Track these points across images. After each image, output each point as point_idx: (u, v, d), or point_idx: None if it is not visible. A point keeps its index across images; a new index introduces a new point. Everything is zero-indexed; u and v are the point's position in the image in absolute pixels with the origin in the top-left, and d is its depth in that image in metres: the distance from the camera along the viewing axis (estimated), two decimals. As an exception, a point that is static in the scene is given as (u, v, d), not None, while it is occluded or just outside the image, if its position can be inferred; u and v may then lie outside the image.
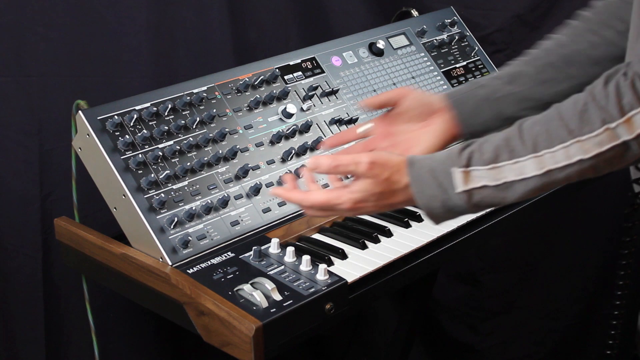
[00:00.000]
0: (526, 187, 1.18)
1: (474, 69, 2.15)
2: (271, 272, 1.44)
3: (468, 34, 2.19)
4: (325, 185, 1.66)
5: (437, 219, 1.27)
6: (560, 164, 1.15)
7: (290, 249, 1.48)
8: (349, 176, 1.34)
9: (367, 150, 1.47)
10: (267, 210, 1.64)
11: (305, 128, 1.77)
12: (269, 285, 1.37)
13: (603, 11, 1.53)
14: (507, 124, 1.42)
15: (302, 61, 1.88)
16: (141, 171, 1.54)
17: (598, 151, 1.13)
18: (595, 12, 1.55)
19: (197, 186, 1.59)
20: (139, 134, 1.57)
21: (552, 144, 1.15)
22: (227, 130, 1.66)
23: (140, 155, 1.55)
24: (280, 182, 1.68)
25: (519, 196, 1.20)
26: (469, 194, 1.21)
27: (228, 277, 1.43)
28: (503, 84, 1.52)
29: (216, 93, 1.71)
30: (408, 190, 1.25)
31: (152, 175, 1.54)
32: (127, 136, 1.55)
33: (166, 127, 1.60)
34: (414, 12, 2.21)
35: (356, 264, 1.52)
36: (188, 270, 1.46)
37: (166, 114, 1.62)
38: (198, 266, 1.47)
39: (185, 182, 1.58)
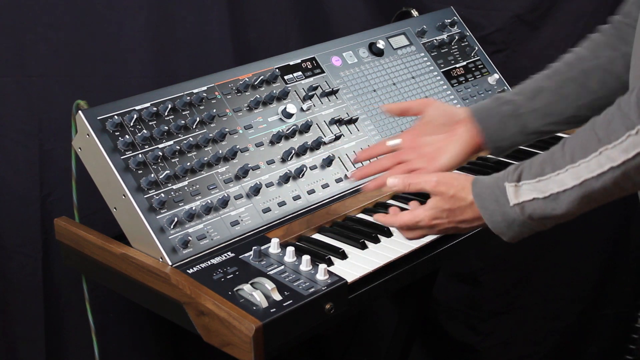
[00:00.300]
0: (570, 197, 1.23)
1: (473, 69, 2.15)
2: (271, 272, 1.44)
3: (468, 34, 2.19)
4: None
5: (504, 234, 1.34)
6: (595, 172, 1.19)
7: (290, 249, 1.48)
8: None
9: (395, 162, 1.60)
10: (267, 210, 1.64)
11: (305, 128, 1.77)
12: (269, 285, 1.37)
13: (621, 26, 1.55)
14: (532, 139, 1.55)
15: (302, 61, 1.88)
16: (141, 171, 1.54)
17: (625, 158, 1.15)
18: (614, 26, 1.57)
19: (197, 186, 1.59)
20: (139, 134, 1.57)
21: (587, 154, 1.19)
22: (227, 130, 1.66)
23: (140, 155, 1.55)
24: (280, 183, 1.68)
25: (567, 208, 1.25)
26: (521, 207, 1.28)
27: (228, 277, 1.43)
28: (526, 100, 1.58)
29: (216, 93, 1.71)
30: (474, 206, 1.35)
31: (152, 175, 1.54)
32: (127, 136, 1.55)
33: (166, 127, 1.60)
34: (414, 12, 2.21)
35: (356, 264, 1.52)
36: (188, 270, 1.46)
37: (166, 114, 1.62)
38: (198, 266, 1.47)
39: (185, 182, 1.58)
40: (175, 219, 1.51)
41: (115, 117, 1.56)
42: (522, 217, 1.29)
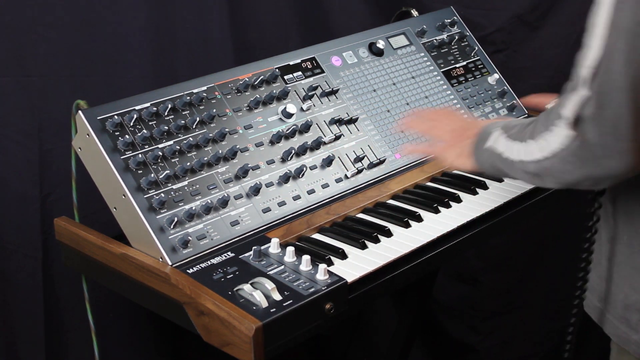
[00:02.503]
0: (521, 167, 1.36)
1: (473, 69, 2.14)
2: (271, 272, 1.44)
3: (468, 34, 2.19)
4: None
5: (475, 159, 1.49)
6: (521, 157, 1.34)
7: (290, 249, 1.48)
8: None
9: None
10: (267, 210, 1.63)
11: (305, 128, 1.77)
12: (269, 285, 1.37)
13: None
14: None
15: (302, 61, 1.88)
16: (141, 171, 1.54)
17: (523, 159, 1.33)
18: None
19: (197, 186, 1.59)
20: (139, 134, 1.57)
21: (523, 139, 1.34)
22: (227, 130, 1.66)
23: (140, 155, 1.55)
24: (280, 183, 1.68)
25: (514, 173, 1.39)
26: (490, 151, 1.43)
27: (228, 277, 1.43)
28: None
29: (216, 93, 1.71)
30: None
31: (152, 175, 1.54)
32: (127, 136, 1.55)
33: (166, 127, 1.60)
34: (414, 12, 2.21)
35: (356, 264, 1.52)
36: (188, 270, 1.45)
37: (166, 114, 1.62)
38: (198, 266, 1.47)
39: (185, 182, 1.58)
40: (175, 219, 1.51)
41: (115, 117, 1.56)
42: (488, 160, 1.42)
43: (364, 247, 1.57)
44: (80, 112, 1.55)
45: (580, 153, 1.21)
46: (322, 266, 1.43)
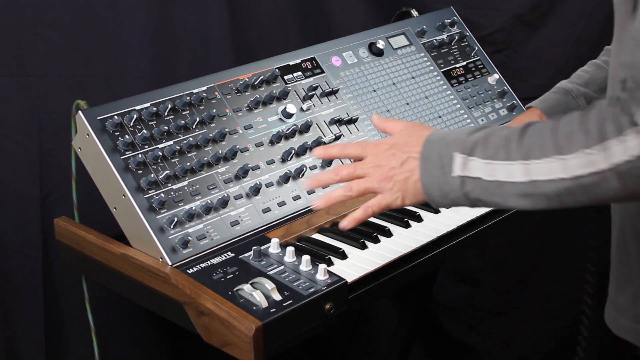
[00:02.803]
0: (513, 190, 1.18)
1: (473, 69, 2.14)
2: (271, 272, 1.44)
3: (468, 34, 2.19)
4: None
5: (433, 199, 1.27)
6: (545, 177, 1.15)
7: (290, 249, 1.48)
8: None
9: None
10: (267, 210, 1.64)
11: (305, 128, 1.77)
12: (269, 285, 1.37)
13: None
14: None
15: (302, 61, 1.88)
16: (141, 171, 1.54)
17: (577, 174, 1.13)
18: None
19: (197, 186, 1.59)
20: (139, 134, 1.57)
21: (540, 156, 1.16)
22: (227, 130, 1.66)
23: (140, 155, 1.55)
24: (280, 183, 1.68)
25: (505, 198, 1.20)
26: (463, 180, 1.22)
27: (228, 277, 1.43)
28: (597, 92, 1.58)
29: (216, 93, 1.71)
30: (416, 160, 1.28)
31: (152, 175, 1.54)
32: (127, 136, 1.55)
33: (166, 127, 1.60)
34: (414, 12, 2.21)
35: (356, 264, 1.52)
36: (188, 270, 1.46)
37: (166, 114, 1.62)
38: (198, 266, 1.47)
39: (185, 182, 1.58)
40: (175, 219, 1.51)
41: (115, 117, 1.56)
42: (459, 191, 1.22)
43: (364, 247, 1.57)
44: (80, 112, 1.55)
45: None
46: (322, 266, 1.43)
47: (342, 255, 1.54)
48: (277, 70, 1.81)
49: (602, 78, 1.59)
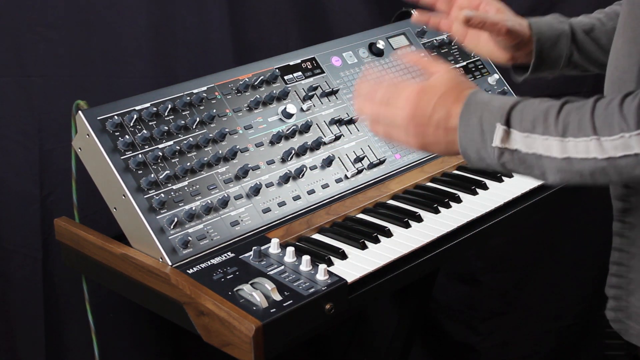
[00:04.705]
0: (550, 164, 1.21)
1: (473, 69, 2.15)
2: (271, 272, 1.44)
3: (468, 34, 2.19)
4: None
5: (470, 161, 1.27)
6: (580, 155, 1.18)
7: (290, 249, 1.48)
8: None
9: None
10: (267, 210, 1.64)
11: (305, 128, 1.77)
12: (269, 285, 1.37)
13: None
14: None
15: (302, 61, 1.88)
16: (141, 171, 1.54)
17: (612, 155, 1.16)
18: None
19: (197, 186, 1.59)
20: (139, 134, 1.57)
21: (578, 135, 1.18)
22: (227, 130, 1.66)
23: (140, 156, 1.55)
24: (280, 183, 1.68)
25: (541, 172, 1.22)
26: (501, 151, 1.23)
27: (228, 277, 1.43)
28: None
29: (216, 93, 1.71)
30: (456, 118, 1.26)
31: (152, 175, 1.54)
32: (127, 136, 1.55)
33: (166, 127, 1.60)
34: (414, 12, 2.21)
35: (356, 264, 1.52)
36: (188, 271, 1.46)
37: (166, 114, 1.62)
38: (198, 266, 1.47)
39: (185, 182, 1.58)
40: (175, 219, 1.51)
41: (115, 117, 1.56)
42: (497, 160, 1.23)
43: (364, 247, 1.57)
44: (80, 112, 1.55)
45: None
46: (322, 266, 1.43)
47: (342, 256, 1.54)
48: (277, 70, 1.81)
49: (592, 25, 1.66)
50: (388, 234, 1.62)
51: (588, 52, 1.65)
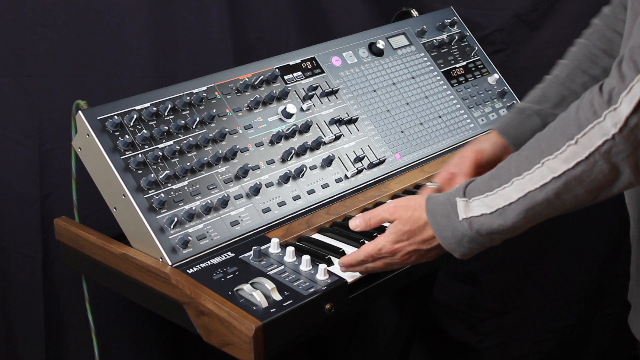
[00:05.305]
0: (515, 211, 1.22)
1: (473, 69, 2.15)
2: (271, 272, 1.44)
3: (468, 34, 2.19)
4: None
5: (456, 251, 1.32)
6: (538, 184, 1.19)
7: (290, 249, 1.48)
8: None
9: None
10: (267, 210, 1.64)
11: (305, 128, 1.77)
12: (269, 285, 1.37)
13: (608, 17, 1.56)
14: None
15: (302, 61, 1.88)
16: (141, 171, 1.54)
17: (566, 168, 1.16)
18: (602, 17, 1.58)
19: (197, 186, 1.59)
20: (139, 134, 1.57)
21: (531, 166, 1.19)
22: (227, 130, 1.66)
23: (140, 155, 1.55)
24: (280, 183, 1.68)
25: (513, 222, 1.24)
26: (469, 222, 1.27)
27: (228, 277, 1.43)
28: (552, 108, 1.60)
29: (216, 93, 1.71)
30: (429, 224, 1.34)
31: (152, 175, 1.54)
32: (127, 136, 1.55)
33: (166, 127, 1.60)
34: (414, 12, 2.21)
35: (356, 264, 1.52)
36: (188, 270, 1.46)
37: (166, 114, 1.63)
38: (198, 266, 1.47)
39: (185, 182, 1.58)
40: (175, 219, 1.51)
41: (115, 117, 1.56)
42: (471, 233, 1.28)
43: (364, 247, 1.57)
44: (80, 112, 1.55)
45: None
46: (322, 266, 1.43)
47: (342, 255, 1.53)
48: (277, 70, 1.81)
49: (554, 93, 1.62)
50: (388, 233, 1.61)
51: None
